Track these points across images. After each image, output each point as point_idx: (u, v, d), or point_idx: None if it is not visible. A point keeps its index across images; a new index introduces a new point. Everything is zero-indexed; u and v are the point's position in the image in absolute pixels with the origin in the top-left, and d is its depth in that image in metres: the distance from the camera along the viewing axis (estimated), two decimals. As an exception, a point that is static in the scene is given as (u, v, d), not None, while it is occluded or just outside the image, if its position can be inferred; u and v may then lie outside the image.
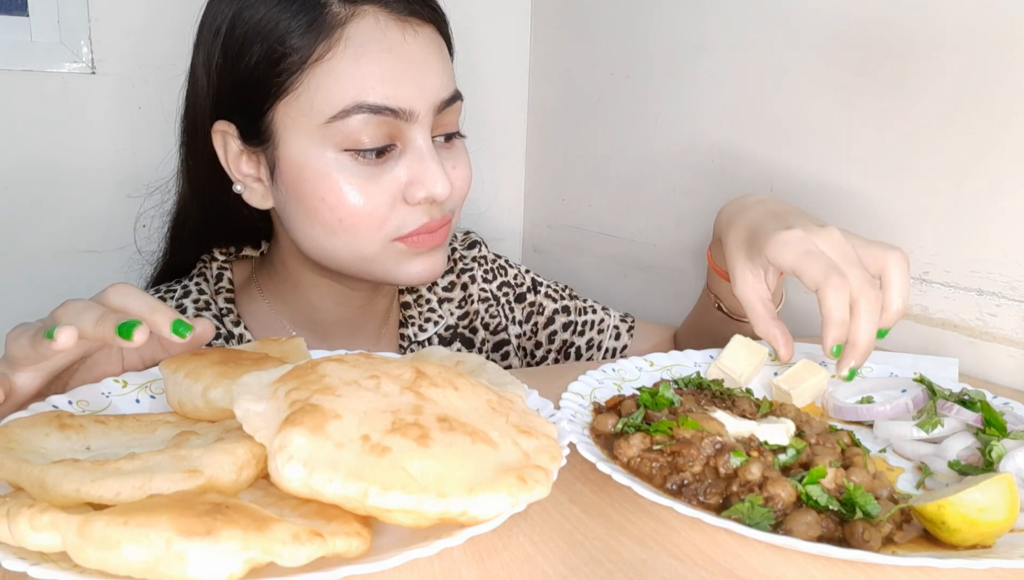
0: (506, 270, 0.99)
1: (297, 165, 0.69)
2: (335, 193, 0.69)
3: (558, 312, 0.98)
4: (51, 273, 1.22)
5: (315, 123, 0.68)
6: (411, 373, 0.44)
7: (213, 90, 0.72)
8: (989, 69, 0.75)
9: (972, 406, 0.58)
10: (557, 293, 0.99)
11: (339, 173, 0.68)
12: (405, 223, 0.71)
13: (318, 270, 0.79)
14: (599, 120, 1.34)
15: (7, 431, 0.44)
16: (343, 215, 0.69)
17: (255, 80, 0.69)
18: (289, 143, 0.69)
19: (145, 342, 0.49)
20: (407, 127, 0.69)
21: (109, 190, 1.21)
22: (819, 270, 0.60)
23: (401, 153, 0.70)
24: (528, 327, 0.98)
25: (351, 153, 0.68)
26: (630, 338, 0.98)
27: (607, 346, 0.97)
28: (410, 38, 0.70)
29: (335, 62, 0.67)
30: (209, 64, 0.72)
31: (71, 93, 1.19)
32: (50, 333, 0.48)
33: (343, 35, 0.67)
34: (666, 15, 1.17)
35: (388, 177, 0.70)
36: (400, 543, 0.38)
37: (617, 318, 0.99)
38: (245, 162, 0.74)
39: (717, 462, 0.47)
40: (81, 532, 0.32)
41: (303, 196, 0.70)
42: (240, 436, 0.41)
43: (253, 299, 0.85)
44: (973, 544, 0.42)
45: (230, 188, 0.75)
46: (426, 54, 0.71)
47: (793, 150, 0.97)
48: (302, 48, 0.67)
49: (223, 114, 0.72)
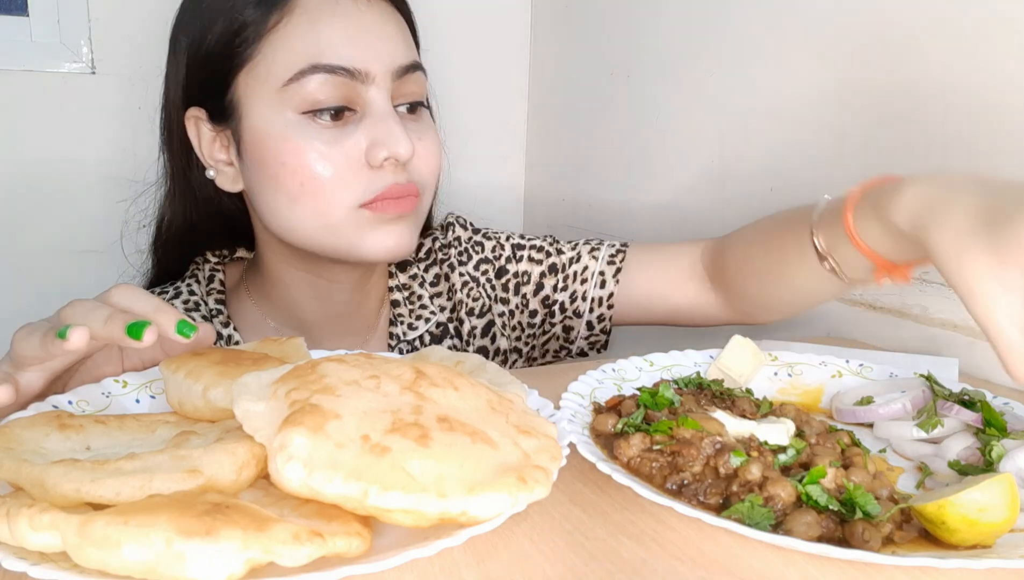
0: (482, 245, 0.92)
1: (259, 133, 0.71)
2: (295, 156, 0.70)
3: (544, 274, 0.91)
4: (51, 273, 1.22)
5: (273, 87, 0.70)
6: (411, 373, 0.44)
7: (182, 77, 0.75)
8: (989, 69, 0.76)
9: (972, 406, 0.58)
10: (542, 251, 0.91)
11: (298, 136, 0.70)
12: (370, 188, 0.71)
13: (297, 264, 0.80)
14: (599, 120, 1.34)
15: (7, 431, 0.44)
16: (303, 179, 0.70)
17: (217, 55, 0.71)
18: (251, 112, 0.71)
19: (154, 342, 0.49)
20: (364, 89, 0.71)
21: (109, 190, 1.21)
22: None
23: (361, 118, 0.72)
24: (518, 299, 0.92)
25: (309, 115, 0.70)
26: (616, 284, 0.87)
27: (592, 295, 0.88)
28: (363, 7, 0.72)
29: (290, 28, 0.70)
30: (178, 53, 0.75)
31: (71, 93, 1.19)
32: (62, 333, 0.48)
33: (295, 4, 0.70)
34: (666, 15, 1.17)
35: (349, 141, 0.70)
36: (400, 543, 0.38)
37: (604, 260, 0.88)
38: (218, 147, 0.75)
39: (717, 462, 0.47)
40: (81, 532, 0.32)
41: (265, 163, 0.71)
42: (240, 436, 0.41)
43: (242, 300, 0.85)
44: (973, 544, 0.42)
45: (211, 181, 0.77)
46: (382, 22, 0.73)
47: (793, 150, 0.97)
48: (258, 18, 0.70)
49: (193, 101, 0.75)
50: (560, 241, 0.93)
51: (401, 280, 0.91)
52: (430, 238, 0.94)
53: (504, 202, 1.59)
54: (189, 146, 0.76)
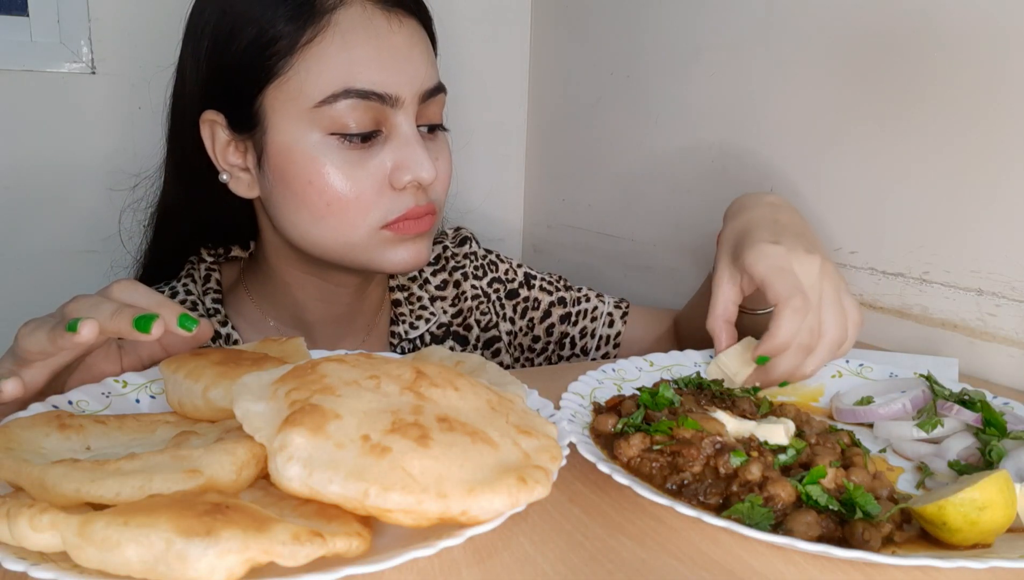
0: (496, 265, 0.98)
1: (285, 149, 0.70)
2: (322, 176, 0.70)
3: (554, 305, 0.97)
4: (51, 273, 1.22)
5: (303, 107, 0.69)
6: (411, 373, 0.44)
7: (202, 79, 0.73)
8: (990, 69, 0.75)
9: (972, 406, 0.58)
10: (552, 285, 0.98)
11: (326, 157, 0.70)
12: (392, 209, 0.72)
13: (303, 267, 0.80)
14: (599, 120, 1.34)
15: (7, 431, 0.44)
16: (330, 199, 0.70)
17: (245, 65, 0.70)
18: (278, 128, 0.71)
19: (160, 336, 0.49)
20: (392, 113, 0.71)
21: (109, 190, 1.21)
22: (784, 287, 0.60)
23: (387, 139, 0.72)
24: (524, 323, 0.97)
25: (338, 137, 0.70)
26: (623, 325, 0.96)
27: (601, 333, 0.96)
28: (396, 27, 0.72)
29: (323, 47, 0.69)
30: (198, 53, 0.73)
31: (71, 93, 1.19)
32: (72, 326, 0.48)
33: (331, 21, 0.69)
34: (666, 15, 1.17)
35: (374, 162, 0.71)
36: (400, 543, 0.38)
37: (611, 305, 0.98)
38: (232, 152, 0.75)
39: (717, 462, 0.47)
40: (81, 532, 0.32)
41: (290, 180, 0.71)
42: (240, 436, 0.41)
43: (240, 300, 0.85)
44: (973, 544, 0.42)
45: (215, 180, 0.76)
46: (411, 44, 0.73)
47: (793, 150, 0.97)
48: (291, 32, 0.69)
49: (211, 104, 0.73)
50: (564, 280, 1.00)
51: (401, 281, 0.92)
52: (439, 245, 0.96)
53: (504, 202, 1.59)
54: (198, 146, 0.75)
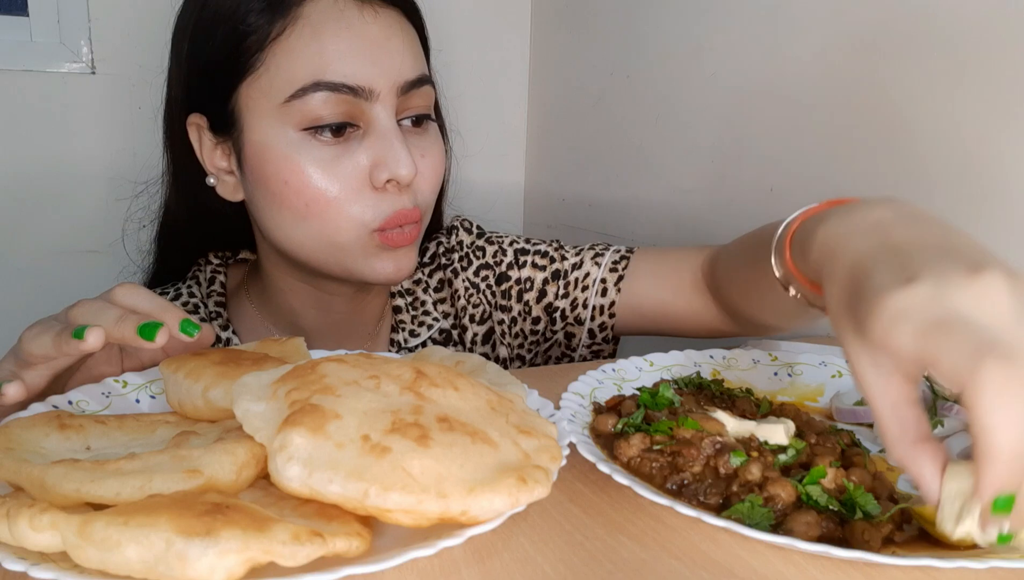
0: (484, 250, 0.90)
1: (260, 148, 0.69)
2: (297, 175, 0.68)
3: (548, 281, 0.89)
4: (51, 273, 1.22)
5: (275, 103, 0.68)
6: (411, 373, 0.44)
7: (184, 80, 0.73)
8: (989, 68, 0.75)
9: (972, 406, 0.58)
10: (546, 257, 0.89)
11: (300, 154, 0.68)
12: (378, 211, 0.70)
13: (294, 274, 0.79)
14: (599, 120, 1.34)
15: (7, 431, 0.44)
16: (308, 199, 0.69)
17: (219, 62, 0.70)
18: (252, 126, 0.70)
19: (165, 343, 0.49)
20: (368, 106, 0.69)
21: (109, 190, 1.21)
22: (962, 356, 0.34)
23: (364, 134, 0.70)
24: (520, 306, 0.90)
25: (310, 132, 0.68)
26: (618, 292, 0.85)
27: (593, 303, 0.86)
28: (370, 18, 0.70)
29: (293, 40, 0.68)
30: (180, 55, 0.73)
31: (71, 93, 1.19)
32: (79, 333, 0.48)
33: (301, 13, 0.68)
34: (666, 15, 1.17)
35: (350, 160, 0.69)
36: (400, 543, 0.38)
37: (607, 268, 0.86)
38: (219, 156, 0.74)
39: (717, 462, 0.47)
40: (81, 532, 0.32)
41: (267, 180, 0.70)
42: (240, 436, 0.41)
43: (242, 304, 0.84)
44: (973, 544, 0.42)
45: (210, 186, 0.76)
46: (387, 35, 0.70)
47: (793, 150, 0.97)
48: (262, 26, 0.68)
49: (195, 106, 0.73)
50: (566, 246, 0.90)
51: (405, 285, 0.89)
52: (434, 242, 0.92)
53: (504, 202, 1.59)
54: (191, 148, 0.75)
